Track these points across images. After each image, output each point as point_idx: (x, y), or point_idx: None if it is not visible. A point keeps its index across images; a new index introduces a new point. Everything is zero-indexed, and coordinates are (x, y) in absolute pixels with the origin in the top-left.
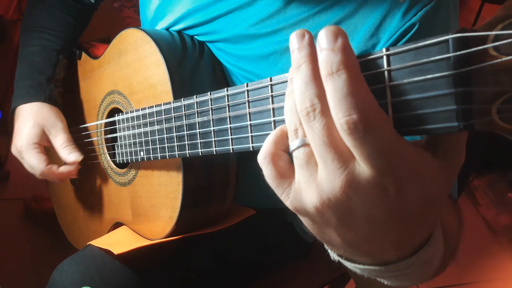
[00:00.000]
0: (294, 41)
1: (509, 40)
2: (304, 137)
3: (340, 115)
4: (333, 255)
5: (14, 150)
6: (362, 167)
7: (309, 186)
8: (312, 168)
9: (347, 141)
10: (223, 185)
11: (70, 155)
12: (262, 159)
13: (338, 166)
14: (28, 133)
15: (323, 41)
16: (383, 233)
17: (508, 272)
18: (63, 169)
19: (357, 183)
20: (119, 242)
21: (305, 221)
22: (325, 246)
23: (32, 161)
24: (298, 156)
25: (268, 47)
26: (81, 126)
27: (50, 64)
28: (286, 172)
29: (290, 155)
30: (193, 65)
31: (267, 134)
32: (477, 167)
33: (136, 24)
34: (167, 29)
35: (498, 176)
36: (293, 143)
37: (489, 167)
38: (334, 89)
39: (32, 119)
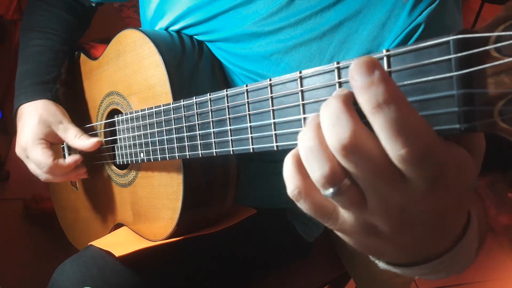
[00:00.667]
0: (358, 74)
1: (511, 42)
2: (339, 183)
3: (398, 148)
4: (382, 264)
5: (18, 149)
6: (417, 183)
7: (359, 215)
8: (358, 202)
9: (405, 169)
10: (224, 185)
11: (90, 140)
12: (294, 196)
13: (393, 188)
14: (33, 130)
15: (358, 76)
16: (434, 228)
17: (508, 272)
18: (70, 160)
19: (413, 199)
20: (120, 243)
21: (349, 240)
22: (371, 257)
23: (38, 157)
24: (339, 201)
25: (271, 46)
26: (82, 127)
27: (55, 64)
28: (325, 201)
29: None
30: (192, 66)
31: (268, 136)
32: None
33: (137, 24)
34: (166, 28)
35: (498, 176)
36: (327, 192)
37: (489, 167)
38: (387, 121)
39: (37, 115)
